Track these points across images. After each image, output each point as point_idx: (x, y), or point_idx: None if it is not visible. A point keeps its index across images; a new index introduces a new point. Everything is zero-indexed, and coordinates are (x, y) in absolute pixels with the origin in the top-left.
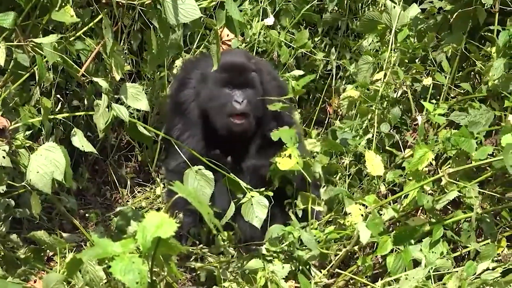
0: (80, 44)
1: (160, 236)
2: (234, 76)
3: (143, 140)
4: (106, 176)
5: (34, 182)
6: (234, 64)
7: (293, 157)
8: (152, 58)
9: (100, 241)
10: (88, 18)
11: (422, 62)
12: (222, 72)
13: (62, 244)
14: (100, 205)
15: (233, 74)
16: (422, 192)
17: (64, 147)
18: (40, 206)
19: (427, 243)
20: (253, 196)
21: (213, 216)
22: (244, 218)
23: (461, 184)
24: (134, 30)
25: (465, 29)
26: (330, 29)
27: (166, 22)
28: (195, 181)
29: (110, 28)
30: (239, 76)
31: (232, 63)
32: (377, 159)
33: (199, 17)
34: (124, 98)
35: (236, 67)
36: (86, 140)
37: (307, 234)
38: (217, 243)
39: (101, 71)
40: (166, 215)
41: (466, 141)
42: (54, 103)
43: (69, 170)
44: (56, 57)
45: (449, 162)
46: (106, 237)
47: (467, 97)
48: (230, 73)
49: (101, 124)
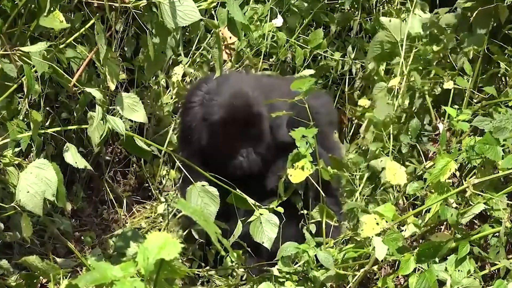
0: (71, 51)
1: (163, 258)
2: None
3: (141, 154)
4: (103, 194)
5: (24, 203)
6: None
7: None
8: (149, 65)
9: (98, 265)
10: (79, 23)
11: (441, 67)
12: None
13: (56, 269)
14: (97, 226)
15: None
16: (445, 206)
17: (56, 164)
18: (32, 229)
19: (452, 261)
20: (262, 213)
21: (220, 235)
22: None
23: (487, 195)
24: (128, 35)
25: (487, 28)
26: (342, 31)
27: (163, 25)
28: (199, 198)
29: (103, 34)
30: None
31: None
32: (401, 169)
33: (199, 20)
34: (120, 109)
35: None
36: (80, 156)
37: (323, 253)
38: (225, 264)
39: (94, 80)
40: (169, 235)
41: (491, 149)
42: (44, 116)
43: (62, 189)
44: (45, 66)
45: (474, 172)
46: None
47: (491, 102)
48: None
49: (96, 138)
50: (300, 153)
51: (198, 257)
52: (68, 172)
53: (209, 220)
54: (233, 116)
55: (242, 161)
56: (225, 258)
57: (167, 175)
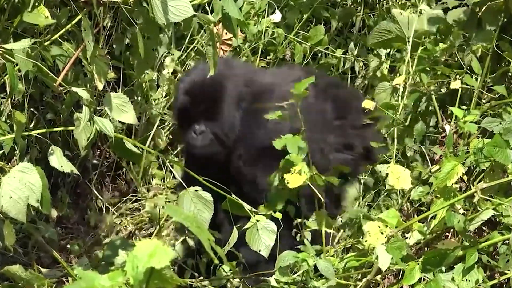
0: (56, 49)
1: (153, 267)
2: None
3: (131, 158)
4: (90, 200)
5: (6, 209)
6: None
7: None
8: (139, 64)
9: (85, 275)
10: (65, 19)
11: (447, 65)
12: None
13: (40, 280)
14: (84, 234)
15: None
16: (452, 212)
17: (41, 168)
18: (15, 237)
19: (459, 270)
20: (259, 220)
21: (214, 243)
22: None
23: (496, 201)
24: (117, 32)
25: (496, 24)
26: (343, 27)
27: (154, 21)
28: (191, 204)
29: (90, 30)
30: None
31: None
32: (405, 172)
33: (192, 16)
34: (108, 110)
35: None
36: (66, 159)
37: (323, 262)
38: (219, 275)
39: (81, 79)
40: (159, 243)
41: (501, 152)
42: (28, 117)
43: (46, 195)
44: (29, 64)
45: (483, 176)
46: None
47: (501, 102)
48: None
49: (83, 140)
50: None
51: (190, 266)
52: (53, 176)
53: (202, 227)
54: (190, 89)
55: (192, 137)
56: (218, 268)
57: (153, 176)
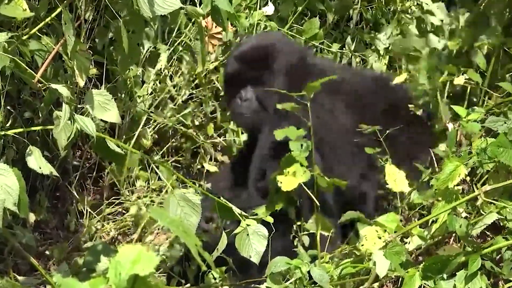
0: (35, 43)
1: (137, 274)
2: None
3: (114, 159)
4: (70, 203)
5: None
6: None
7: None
8: (123, 59)
9: (64, 282)
10: (44, 12)
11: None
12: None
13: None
14: (63, 239)
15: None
16: (454, 215)
17: (18, 170)
18: None
19: (462, 277)
20: (249, 224)
21: (201, 249)
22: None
23: (501, 204)
24: (99, 25)
25: (502, 21)
26: (340, 20)
27: (139, 14)
28: (178, 207)
29: (71, 24)
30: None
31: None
32: (400, 174)
33: (180, 8)
34: (90, 108)
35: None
36: (45, 160)
37: (317, 269)
38: (207, 282)
39: (61, 76)
40: (143, 248)
41: (506, 152)
42: (4, 116)
43: (24, 198)
44: (6, 60)
45: (486, 178)
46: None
47: (507, 100)
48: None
49: (63, 140)
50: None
51: (177, 273)
52: (31, 178)
53: (189, 232)
54: (241, 55)
55: (237, 104)
56: (207, 274)
57: (137, 178)
